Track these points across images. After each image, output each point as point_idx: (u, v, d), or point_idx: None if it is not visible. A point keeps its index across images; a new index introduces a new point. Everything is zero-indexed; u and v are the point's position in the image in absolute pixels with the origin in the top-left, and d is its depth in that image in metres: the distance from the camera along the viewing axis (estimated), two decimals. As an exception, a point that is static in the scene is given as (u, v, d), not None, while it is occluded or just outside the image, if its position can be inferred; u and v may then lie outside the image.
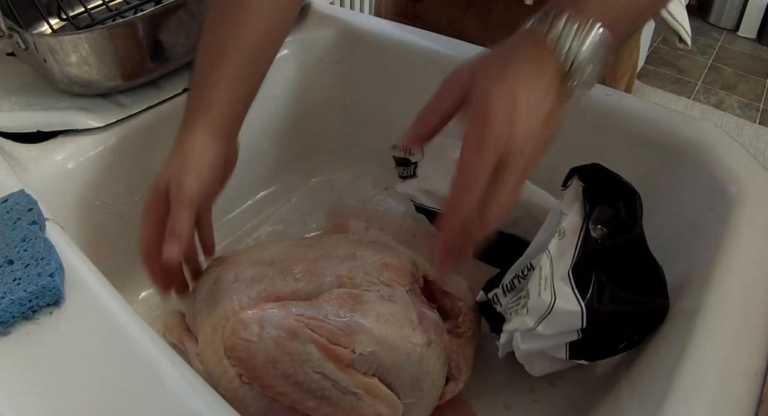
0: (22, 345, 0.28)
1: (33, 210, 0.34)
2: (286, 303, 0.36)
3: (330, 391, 0.33)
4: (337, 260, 0.39)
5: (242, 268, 0.40)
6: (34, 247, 0.32)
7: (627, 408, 0.34)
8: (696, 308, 0.32)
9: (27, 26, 0.50)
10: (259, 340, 0.34)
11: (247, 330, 0.35)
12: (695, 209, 0.39)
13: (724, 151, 0.40)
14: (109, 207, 0.45)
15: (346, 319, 0.35)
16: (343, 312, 0.35)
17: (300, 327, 0.34)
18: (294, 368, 0.33)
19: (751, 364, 0.29)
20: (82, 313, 0.30)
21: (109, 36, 0.43)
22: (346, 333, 0.34)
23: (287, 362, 0.33)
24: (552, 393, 0.41)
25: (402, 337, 0.35)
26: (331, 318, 0.35)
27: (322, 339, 0.34)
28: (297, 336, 0.34)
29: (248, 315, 0.35)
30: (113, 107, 0.45)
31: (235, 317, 0.36)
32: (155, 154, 0.47)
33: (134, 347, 0.28)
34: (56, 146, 0.43)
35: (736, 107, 1.93)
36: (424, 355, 0.35)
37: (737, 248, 0.34)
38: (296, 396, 0.34)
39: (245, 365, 0.34)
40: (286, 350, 0.34)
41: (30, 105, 0.45)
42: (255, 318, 0.35)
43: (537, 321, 0.33)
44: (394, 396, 0.34)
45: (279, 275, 0.38)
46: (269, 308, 0.35)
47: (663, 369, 0.31)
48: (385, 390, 0.34)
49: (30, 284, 0.29)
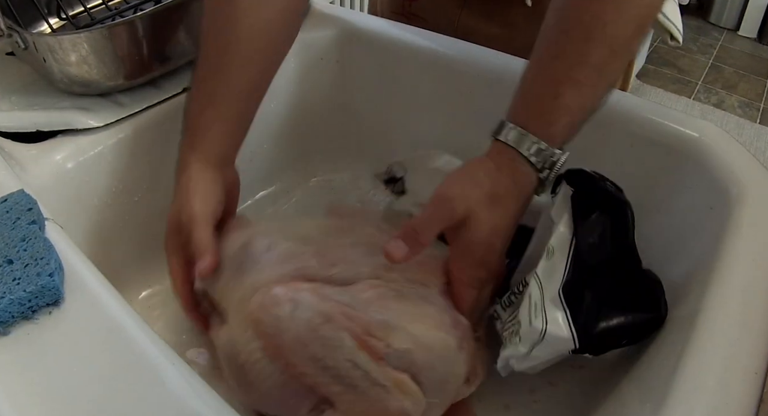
0: (22, 345, 0.28)
1: (32, 210, 0.34)
2: (321, 286, 0.36)
3: (358, 380, 0.33)
4: (374, 251, 0.38)
5: (276, 239, 0.39)
6: (34, 247, 0.31)
7: (627, 409, 0.34)
8: (696, 308, 0.32)
9: (26, 26, 0.50)
10: (290, 320, 0.34)
11: (278, 307, 0.34)
12: (695, 209, 0.39)
13: (724, 151, 0.40)
14: (108, 207, 0.45)
15: (382, 315, 0.34)
16: (381, 305, 0.35)
17: (336, 314, 0.34)
18: (324, 352, 0.33)
19: (752, 364, 0.29)
20: (82, 313, 0.30)
21: (109, 35, 0.42)
22: (383, 327, 0.34)
23: (318, 346, 0.33)
24: (552, 393, 0.41)
25: (438, 339, 0.35)
26: (369, 311, 0.34)
27: (358, 328, 0.33)
28: (331, 322, 0.33)
29: (281, 292, 0.35)
30: (113, 106, 0.45)
31: (267, 291, 0.35)
32: (155, 153, 0.47)
33: (134, 347, 0.28)
34: (56, 145, 0.42)
35: (736, 107, 1.93)
36: (456, 360, 0.35)
37: (737, 248, 0.34)
38: (321, 380, 0.33)
39: (271, 341, 0.34)
40: (318, 334, 0.33)
41: (29, 105, 0.45)
42: (288, 297, 0.34)
43: (530, 347, 0.34)
44: (422, 394, 0.34)
45: (315, 256, 0.38)
46: (303, 289, 0.35)
47: (663, 369, 0.31)
48: (415, 387, 0.34)
49: (29, 284, 0.29)
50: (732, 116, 1.87)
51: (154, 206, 0.48)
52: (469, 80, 0.50)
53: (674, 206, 0.41)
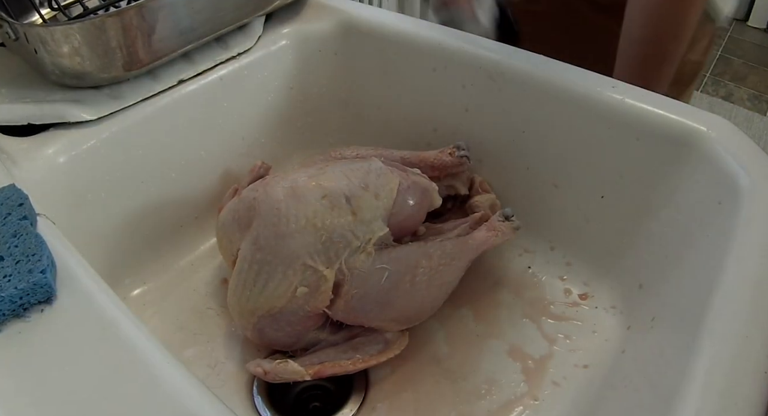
0: (13, 343, 0.28)
1: (24, 205, 0.33)
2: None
3: None
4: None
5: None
6: (25, 243, 0.31)
7: (633, 409, 0.33)
8: (705, 305, 0.31)
9: (17, 16, 0.49)
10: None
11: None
12: (703, 203, 0.39)
13: (732, 144, 0.39)
14: (102, 202, 0.44)
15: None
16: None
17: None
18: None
19: (761, 362, 0.29)
20: (75, 311, 0.29)
21: (102, 26, 0.41)
22: None
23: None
24: (554, 392, 0.41)
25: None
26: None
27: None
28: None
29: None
30: (106, 99, 0.44)
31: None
32: (150, 147, 0.46)
33: (128, 345, 0.28)
34: (48, 139, 0.42)
35: (745, 99, 1.90)
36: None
37: (746, 243, 0.33)
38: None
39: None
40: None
41: (21, 97, 0.44)
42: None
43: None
44: None
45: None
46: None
47: (671, 368, 0.31)
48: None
49: (21, 281, 0.29)
50: (741, 108, 1.84)
51: (149, 202, 0.47)
52: (470, 71, 0.49)
53: (682, 200, 0.41)
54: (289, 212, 0.39)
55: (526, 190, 0.50)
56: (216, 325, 0.46)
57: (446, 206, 0.50)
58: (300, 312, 0.39)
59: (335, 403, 0.42)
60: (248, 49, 0.51)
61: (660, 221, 0.42)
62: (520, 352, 0.43)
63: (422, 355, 0.44)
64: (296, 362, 0.40)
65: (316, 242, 0.38)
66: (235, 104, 0.51)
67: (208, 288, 0.49)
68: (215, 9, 0.47)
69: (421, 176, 0.45)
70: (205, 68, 0.48)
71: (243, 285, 0.40)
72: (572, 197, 0.47)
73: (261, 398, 0.41)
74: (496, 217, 0.44)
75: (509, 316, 0.46)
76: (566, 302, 0.46)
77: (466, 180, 0.50)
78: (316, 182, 0.40)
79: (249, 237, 0.40)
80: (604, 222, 0.46)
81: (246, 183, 0.47)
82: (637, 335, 0.41)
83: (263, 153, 0.55)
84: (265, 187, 0.41)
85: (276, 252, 0.38)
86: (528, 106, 0.47)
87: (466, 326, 0.45)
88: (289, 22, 0.54)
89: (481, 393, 0.41)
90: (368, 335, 0.41)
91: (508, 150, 0.49)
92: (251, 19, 0.51)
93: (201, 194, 0.51)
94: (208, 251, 0.51)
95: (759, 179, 0.36)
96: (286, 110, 0.56)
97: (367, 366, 0.40)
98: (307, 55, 0.55)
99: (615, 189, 0.45)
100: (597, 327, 0.44)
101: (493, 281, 0.48)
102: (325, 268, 0.38)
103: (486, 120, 0.50)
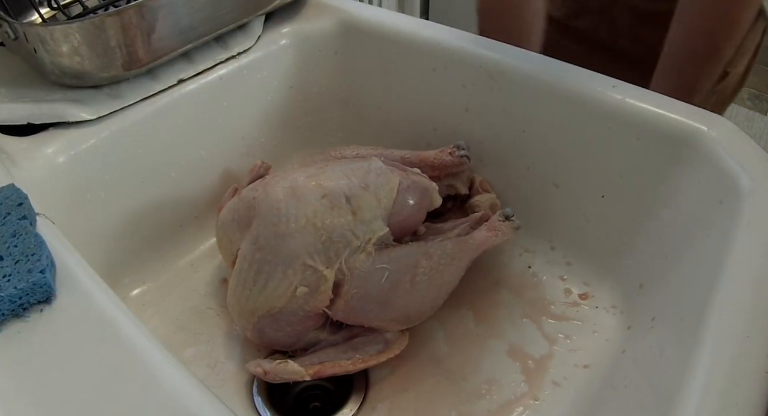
0: (13, 343, 0.28)
1: (23, 205, 0.33)
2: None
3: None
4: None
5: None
6: (25, 243, 0.31)
7: (634, 409, 0.33)
8: (705, 305, 0.31)
9: (17, 15, 0.48)
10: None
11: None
12: (704, 203, 0.39)
13: (733, 144, 0.39)
14: (101, 202, 0.44)
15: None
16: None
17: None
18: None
19: (761, 362, 0.28)
20: (74, 310, 0.29)
21: (102, 26, 0.41)
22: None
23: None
24: (554, 392, 0.41)
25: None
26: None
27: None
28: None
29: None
30: (106, 98, 0.44)
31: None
32: (150, 146, 0.46)
33: (128, 345, 0.28)
34: (47, 138, 0.42)
35: (746, 99, 1.89)
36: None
37: (747, 243, 0.33)
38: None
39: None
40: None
41: (20, 97, 0.44)
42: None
43: None
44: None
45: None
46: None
47: (671, 368, 0.31)
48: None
49: (20, 281, 0.29)
50: (741, 108, 1.84)
51: (149, 201, 0.47)
52: (470, 71, 0.49)
53: (682, 200, 0.41)
54: (289, 211, 0.39)
55: (526, 190, 0.50)
56: (216, 325, 0.46)
57: (446, 206, 0.50)
58: (300, 312, 0.39)
59: (335, 403, 0.42)
60: (248, 48, 0.51)
61: (660, 221, 0.42)
62: (520, 352, 0.43)
63: (422, 355, 0.44)
64: (296, 362, 0.39)
65: (316, 242, 0.38)
66: (235, 103, 0.51)
67: (208, 288, 0.49)
68: (215, 8, 0.47)
69: (421, 175, 0.45)
70: (204, 68, 0.48)
71: (243, 285, 0.40)
72: (572, 197, 0.47)
73: (261, 398, 0.41)
74: (496, 217, 0.44)
75: (509, 316, 0.46)
76: (566, 302, 0.46)
77: (466, 180, 0.50)
78: (316, 181, 0.40)
79: (249, 237, 0.40)
80: (605, 222, 0.46)
81: (246, 183, 0.47)
82: (638, 335, 0.40)
83: (263, 153, 0.55)
84: (265, 186, 0.40)
85: (276, 252, 0.38)
86: (528, 105, 0.47)
87: (466, 326, 0.45)
88: (289, 22, 0.54)
89: (481, 393, 0.41)
90: (368, 335, 0.41)
91: (508, 150, 0.49)
92: (251, 18, 0.51)
93: (201, 194, 0.51)
94: (207, 251, 0.51)
95: (760, 179, 0.36)
96: (286, 110, 0.56)
97: (367, 366, 0.40)
98: (307, 54, 0.55)
99: (615, 189, 0.45)
100: (597, 326, 0.44)
101: (493, 281, 0.48)
102: (325, 268, 0.38)
103: (486, 120, 0.50)
